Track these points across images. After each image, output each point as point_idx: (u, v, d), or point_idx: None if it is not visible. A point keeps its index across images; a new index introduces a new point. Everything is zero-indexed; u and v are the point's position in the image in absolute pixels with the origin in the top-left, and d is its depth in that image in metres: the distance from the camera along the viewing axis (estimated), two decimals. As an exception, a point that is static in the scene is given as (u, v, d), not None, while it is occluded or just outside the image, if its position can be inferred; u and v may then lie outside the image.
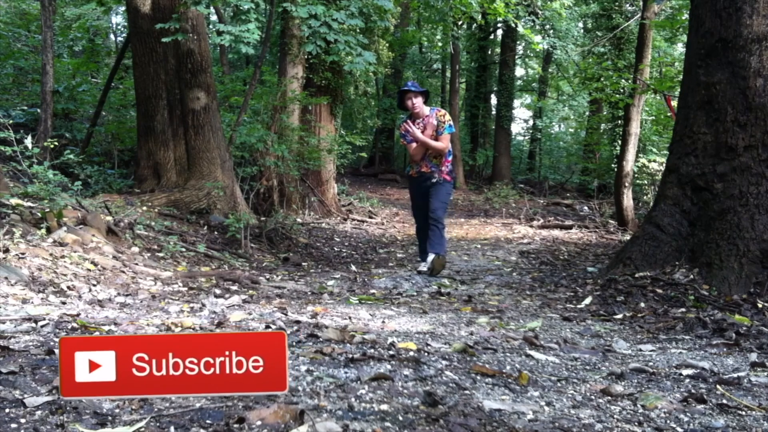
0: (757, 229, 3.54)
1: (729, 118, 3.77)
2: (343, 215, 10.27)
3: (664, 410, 1.59)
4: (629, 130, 9.31)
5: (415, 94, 5.28)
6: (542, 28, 17.79)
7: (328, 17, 6.19)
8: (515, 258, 6.47)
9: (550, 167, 22.17)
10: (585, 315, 3.30)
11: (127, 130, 10.05)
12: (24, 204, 4.52)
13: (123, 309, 2.95)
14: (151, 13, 7.05)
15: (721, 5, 3.86)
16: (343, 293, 3.96)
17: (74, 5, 15.63)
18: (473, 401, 1.56)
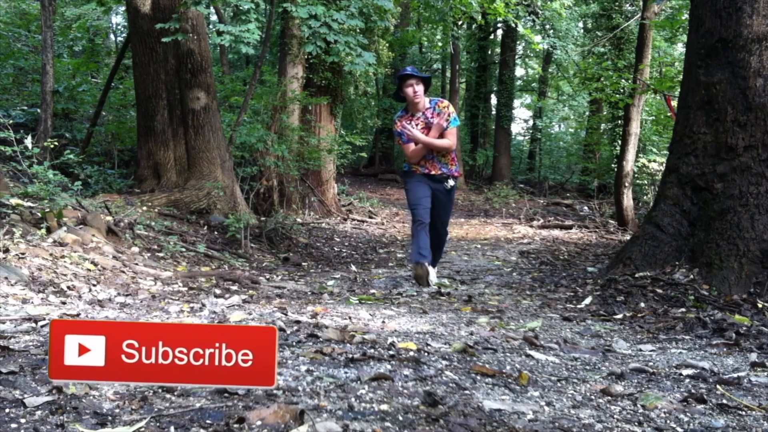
0: (757, 229, 3.54)
1: (729, 118, 3.77)
2: (343, 215, 10.27)
3: (664, 410, 1.58)
4: (629, 130, 9.31)
5: (418, 80, 4.48)
6: (542, 28, 17.79)
7: (328, 18, 6.19)
8: (515, 258, 6.47)
9: (550, 167, 22.16)
10: (585, 315, 3.30)
11: (127, 130, 10.05)
12: (24, 204, 4.52)
13: (123, 309, 2.95)
14: (151, 13, 7.05)
15: (721, 5, 3.86)
16: (343, 293, 3.96)
17: (74, 5, 15.62)
18: (473, 401, 1.56)
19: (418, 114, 4.57)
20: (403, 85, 4.50)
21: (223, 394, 1.49)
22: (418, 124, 4.55)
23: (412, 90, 4.46)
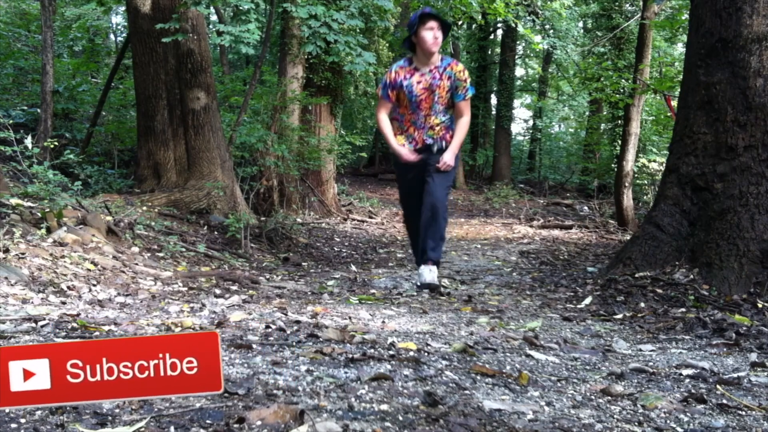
0: (757, 229, 3.54)
1: (729, 118, 3.77)
2: (343, 215, 10.27)
3: (664, 410, 1.58)
4: (629, 130, 9.31)
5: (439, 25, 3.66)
6: (542, 28, 17.79)
7: (328, 18, 6.19)
8: (515, 258, 6.47)
9: (550, 167, 22.17)
10: (585, 315, 3.30)
11: (127, 130, 10.06)
12: (24, 204, 4.52)
13: (123, 309, 2.95)
14: (151, 13, 7.05)
15: (721, 5, 3.86)
16: (343, 293, 3.96)
17: (74, 5, 15.63)
18: (473, 401, 1.56)
19: (425, 70, 3.77)
20: (422, 28, 3.65)
21: (223, 394, 1.49)
22: (420, 82, 3.78)
23: (432, 35, 3.63)
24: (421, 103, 3.85)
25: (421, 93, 3.81)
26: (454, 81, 3.79)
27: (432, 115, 3.86)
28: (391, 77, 3.83)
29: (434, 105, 3.85)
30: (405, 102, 3.88)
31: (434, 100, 3.83)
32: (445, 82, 3.78)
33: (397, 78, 3.83)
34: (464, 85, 3.80)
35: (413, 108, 3.87)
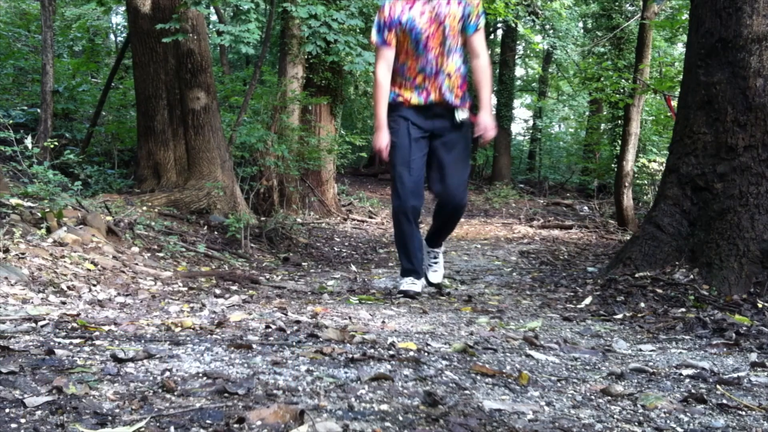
0: (757, 229, 3.54)
1: (729, 118, 3.77)
2: (343, 215, 10.27)
3: (664, 410, 1.58)
4: (629, 130, 9.32)
5: None
6: (542, 28, 17.80)
7: (328, 17, 6.19)
8: (515, 258, 6.47)
9: (550, 167, 22.17)
10: (585, 315, 3.30)
11: (127, 130, 10.06)
12: (24, 204, 4.52)
13: (123, 309, 2.95)
14: (151, 13, 7.05)
15: (721, 5, 3.86)
16: (343, 293, 3.96)
17: (74, 5, 15.62)
18: (473, 401, 1.56)
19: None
20: None
21: (223, 394, 1.49)
22: (423, 12, 2.92)
23: None
24: (428, 42, 2.95)
25: (426, 27, 2.94)
26: (465, 6, 2.95)
27: (445, 55, 2.96)
28: (385, 15, 2.95)
29: (445, 41, 2.95)
30: (407, 45, 2.98)
31: (444, 34, 2.94)
32: (455, 8, 2.94)
33: (394, 13, 2.96)
34: (476, 11, 2.96)
35: (419, 51, 2.97)
